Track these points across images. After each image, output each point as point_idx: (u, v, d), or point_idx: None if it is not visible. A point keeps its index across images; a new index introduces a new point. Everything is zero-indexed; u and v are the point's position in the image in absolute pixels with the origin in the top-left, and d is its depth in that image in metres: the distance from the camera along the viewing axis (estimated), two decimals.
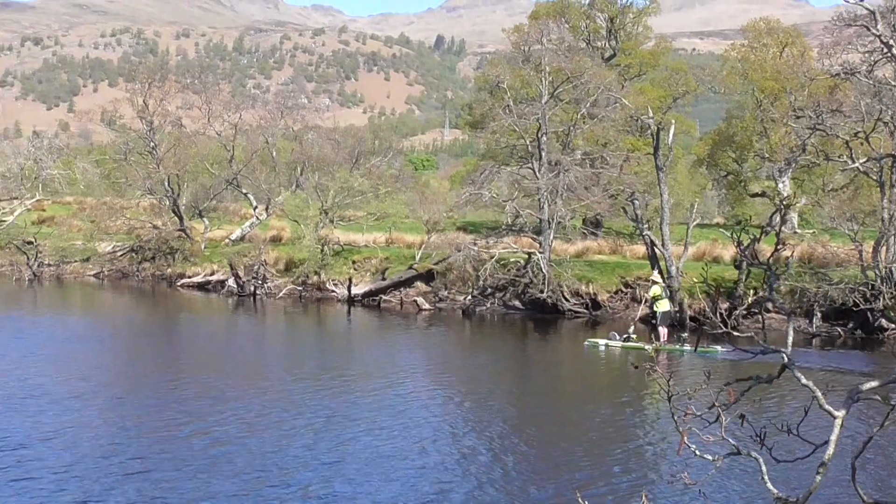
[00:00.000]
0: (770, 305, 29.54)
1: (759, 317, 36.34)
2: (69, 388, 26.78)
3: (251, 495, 17.21)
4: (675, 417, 6.05)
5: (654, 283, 38.64)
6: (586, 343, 37.38)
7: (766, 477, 6.05)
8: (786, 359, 6.12)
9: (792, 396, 24.31)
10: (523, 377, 32.37)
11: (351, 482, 18.11)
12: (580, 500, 7.98)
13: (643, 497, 7.36)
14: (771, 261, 6.95)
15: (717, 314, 6.30)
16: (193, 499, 16.96)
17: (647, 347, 35.50)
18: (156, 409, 24.29)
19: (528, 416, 25.00)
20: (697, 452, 6.16)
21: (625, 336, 36.58)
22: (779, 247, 7.63)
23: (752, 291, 39.76)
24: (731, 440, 6.05)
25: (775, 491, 6.03)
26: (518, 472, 19.27)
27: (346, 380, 29.47)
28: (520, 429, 23.20)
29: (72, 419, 22.89)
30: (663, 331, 37.27)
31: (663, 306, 37.83)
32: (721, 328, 6.36)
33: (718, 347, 33.60)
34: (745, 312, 37.69)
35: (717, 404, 6.07)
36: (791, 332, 6.51)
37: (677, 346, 36.00)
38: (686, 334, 37.53)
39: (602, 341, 36.89)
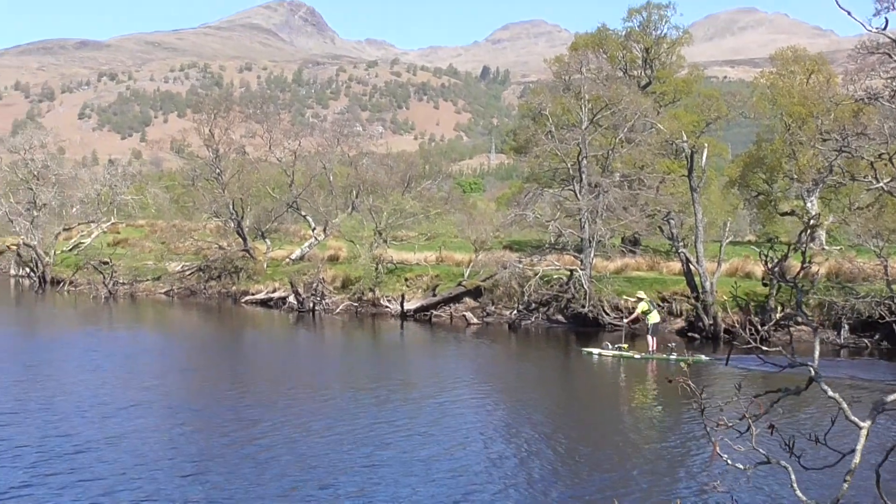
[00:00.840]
0: (798, 319, 29.23)
1: (789, 330, 35.97)
2: (138, 396, 26.94)
3: (298, 496, 17.20)
4: (708, 428, 5.98)
5: (640, 299, 39.40)
6: (583, 352, 37.97)
7: (795, 485, 5.96)
8: (813, 372, 6.04)
9: (819, 407, 23.98)
10: (564, 387, 32.22)
11: (394, 484, 18.03)
12: None
13: (678, 502, 7.29)
14: (798, 277, 6.85)
15: (747, 329, 6.22)
16: (245, 499, 16.97)
17: (636, 356, 36.53)
18: (216, 416, 24.37)
19: (568, 424, 24.86)
20: (729, 462, 6.09)
21: (616, 346, 37.34)
22: (805, 264, 7.51)
23: (780, 307, 39.41)
24: (761, 450, 5.97)
25: (804, 498, 5.94)
26: (555, 477, 19.11)
27: (396, 389, 29.46)
28: (559, 435, 23.04)
29: (137, 424, 23.01)
30: (652, 340, 37.67)
31: (653, 318, 38.40)
32: (750, 343, 6.28)
33: (703, 356, 35.43)
34: (775, 326, 37.39)
35: (747, 415, 5.99)
36: (818, 346, 6.41)
37: (664, 356, 36.26)
38: (673, 344, 37.74)
39: (595, 350, 37.55)
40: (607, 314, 44.95)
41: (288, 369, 34.54)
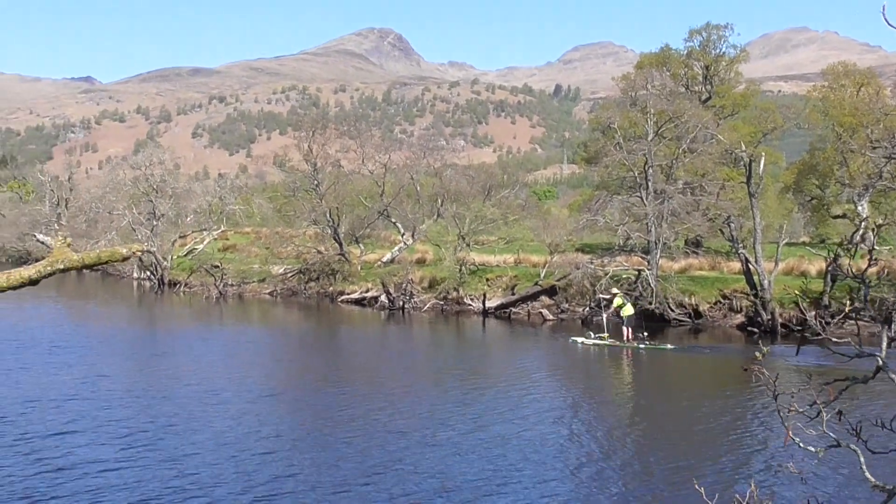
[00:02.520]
0: (864, 313, 28.70)
1: (846, 323, 35.26)
2: (243, 383, 27.22)
3: (384, 473, 17.12)
4: (781, 414, 5.82)
5: (615, 294, 40.67)
6: (570, 340, 39.32)
7: (864, 467, 5.77)
8: (880, 361, 5.85)
9: (884, 395, 23.36)
10: (636, 376, 31.86)
11: (472, 464, 17.88)
12: (696, 485, 7.74)
13: (752, 483, 7.09)
14: (865, 274, 6.68)
15: (817, 322, 6.04)
16: (334, 476, 16.96)
17: (613, 344, 37.72)
18: (313, 402, 24.54)
19: (642, 411, 24.54)
20: (801, 445, 5.92)
21: (598, 335, 38.83)
22: (872, 262, 7.31)
23: (847, 303, 38.63)
24: (831, 434, 5.80)
25: (873, 479, 5.75)
26: (633, 460, 18.80)
27: (479, 379, 29.33)
28: (634, 422, 22.76)
29: (244, 407, 23.28)
30: (627, 331, 38.56)
31: (627, 311, 39.42)
32: (821, 334, 6.10)
33: (668, 345, 36.91)
34: (832, 320, 36.71)
35: (818, 402, 5.82)
36: (885, 338, 6.22)
37: (635, 344, 37.34)
38: (646, 334, 38.19)
39: (580, 339, 39.05)
40: (672, 310, 44.52)
41: (380, 361, 34.67)
